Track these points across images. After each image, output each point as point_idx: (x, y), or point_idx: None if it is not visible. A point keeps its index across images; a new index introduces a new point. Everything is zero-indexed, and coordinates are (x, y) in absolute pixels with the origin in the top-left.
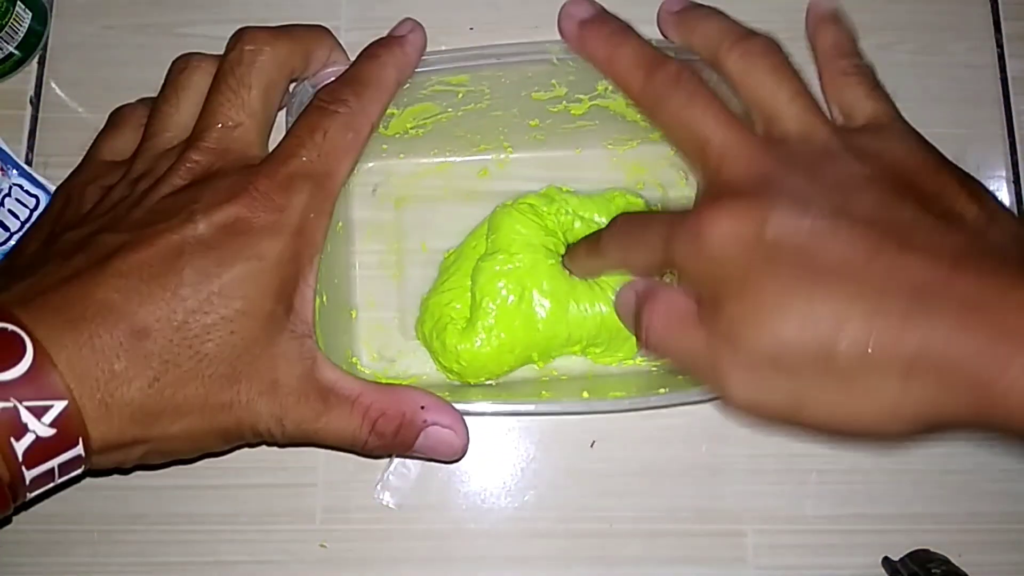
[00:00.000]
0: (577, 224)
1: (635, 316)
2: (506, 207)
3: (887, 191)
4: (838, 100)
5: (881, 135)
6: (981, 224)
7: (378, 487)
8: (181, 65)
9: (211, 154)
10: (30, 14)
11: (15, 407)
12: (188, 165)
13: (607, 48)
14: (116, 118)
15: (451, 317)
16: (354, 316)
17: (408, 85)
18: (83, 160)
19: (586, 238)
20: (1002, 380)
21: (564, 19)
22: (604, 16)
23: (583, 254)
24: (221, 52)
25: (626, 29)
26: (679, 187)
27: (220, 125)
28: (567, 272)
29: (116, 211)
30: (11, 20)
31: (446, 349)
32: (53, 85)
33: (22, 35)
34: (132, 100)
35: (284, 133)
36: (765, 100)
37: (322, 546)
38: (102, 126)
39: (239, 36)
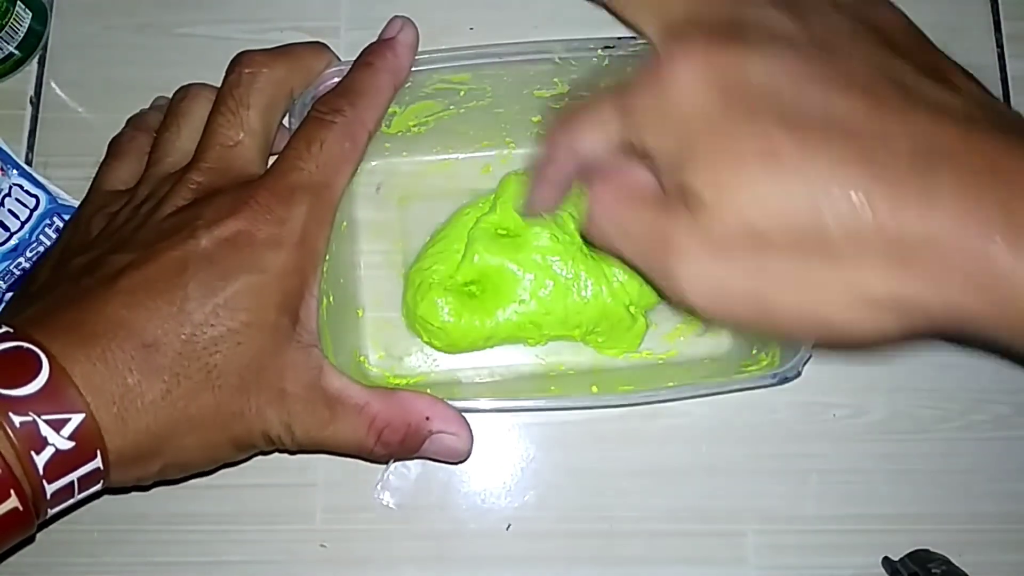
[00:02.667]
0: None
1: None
2: (517, 174)
3: (879, 48)
4: None
5: (867, 2)
6: (981, 98)
7: (378, 487)
8: (181, 94)
9: (211, 173)
10: (30, 14)
11: (34, 420)
12: (190, 185)
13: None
14: (115, 148)
15: (433, 280)
16: (361, 315)
17: (409, 84)
18: (88, 191)
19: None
20: (1018, 270)
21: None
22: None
23: (532, 172)
24: (221, 53)
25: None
26: None
27: (219, 145)
28: (559, 247)
29: (121, 233)
30: (11, 20)
31: (433, 307)
32: (53, 85)
33: (22, 35)
34: (132, 100)
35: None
36: None
37: (322, 546)
38: (103, 157)
39: (237, 60)
